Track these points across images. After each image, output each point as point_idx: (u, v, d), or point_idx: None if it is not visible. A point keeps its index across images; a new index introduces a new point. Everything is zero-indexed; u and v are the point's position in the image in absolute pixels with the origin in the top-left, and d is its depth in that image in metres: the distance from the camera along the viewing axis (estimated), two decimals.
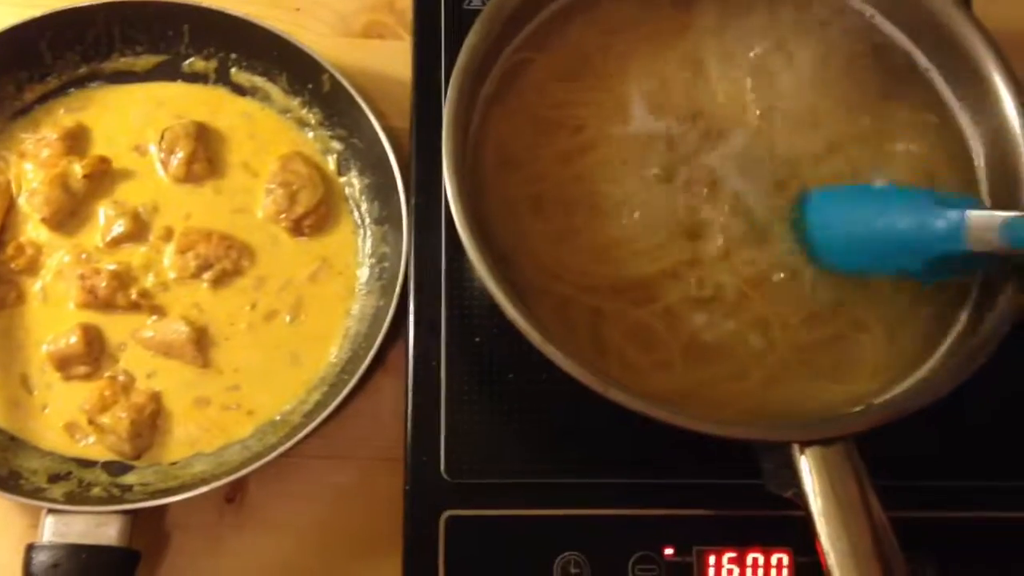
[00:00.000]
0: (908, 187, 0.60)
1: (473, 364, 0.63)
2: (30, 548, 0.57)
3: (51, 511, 0.58)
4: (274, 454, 0.60)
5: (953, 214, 0.52)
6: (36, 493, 0.60)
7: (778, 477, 0.52)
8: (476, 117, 0.61)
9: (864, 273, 0.58)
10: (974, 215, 0.52)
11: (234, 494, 0.65)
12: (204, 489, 0.60)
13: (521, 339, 0.53)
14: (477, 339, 0.63)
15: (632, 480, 0.60)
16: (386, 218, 0.71)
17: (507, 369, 0.62)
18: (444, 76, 0.70)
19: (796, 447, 0.51)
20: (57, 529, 0.58)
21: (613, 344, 0.58)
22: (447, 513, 0.59)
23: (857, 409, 0.55)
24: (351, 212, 0.73)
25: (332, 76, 0.71)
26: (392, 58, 0.80)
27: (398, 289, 0.65)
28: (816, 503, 0.50)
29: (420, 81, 0.71)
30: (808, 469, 0.51)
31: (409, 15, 0.80)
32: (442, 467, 0.60)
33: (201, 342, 0.67)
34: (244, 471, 0.60)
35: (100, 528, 0.58)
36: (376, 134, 0.70)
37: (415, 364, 0.63)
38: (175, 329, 0.67)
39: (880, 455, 0.51)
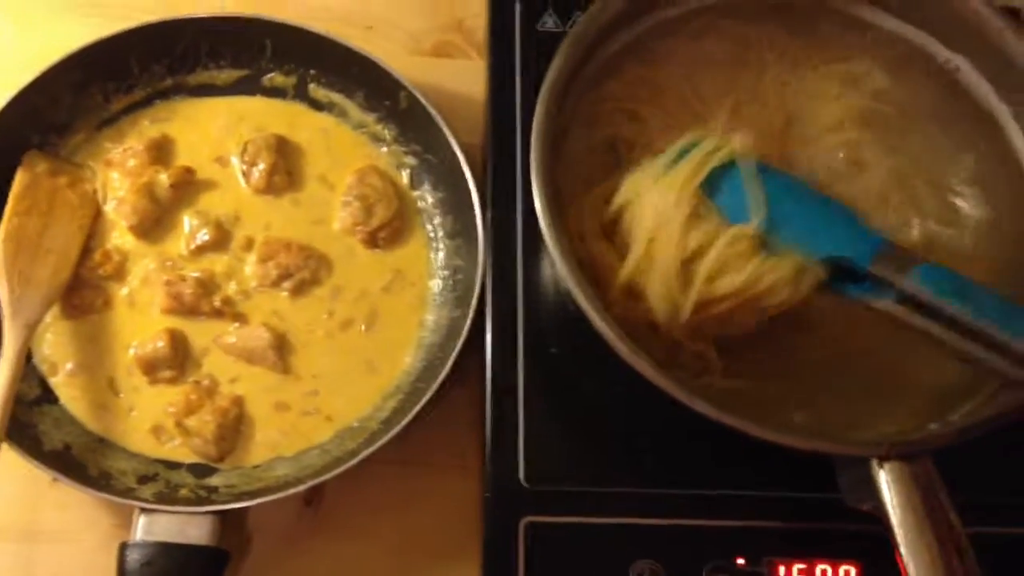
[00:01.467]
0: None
1: (550, 374, 0.64)
2: (124, 547, 0.59)
3: (143, 510, 0.60)
4: (356, 460, 0.62)
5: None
6: (127, 493, 0.62)
7: (856, 490, 0.54)
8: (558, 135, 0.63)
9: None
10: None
11: (312, 497, 0.67)
12: (288, 492, 0.62)
13: (598, 349, 0.55)
14: (553, 350, 0.65)
15: (707, 491, 0.61)
16: (459, 231, 0.73)
17: (583, 378, 0.64)
18: (519, 95, 0.73)
19: (875, 461, 0.53)
20: (149, 528, 0.60)
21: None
22: (526, 519, 0.61)
23: (933, 426, 0.56)
24: (423, 225, 0.75)
25: (410, 93, 0.74)
26: (461, 76, 0.82)
27: (474, 301, 0.67)
28: (896, 517, 0.51)
29: (495, 100, 0.73)
30: (888, 483, 0.52)
31: (478, 35, 0.83)
32: (521, 474, 0.62)
33: (281, 348, 0.69)
34: (327, 476, 0.62)
35: (191, 528, 0.60)
36: (452, 150, 0.72)
37: (493, 374, 0.64)
38: (257, 335, 0.69)
39: (956, 471, 0.53)
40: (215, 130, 0.76)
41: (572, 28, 0.62)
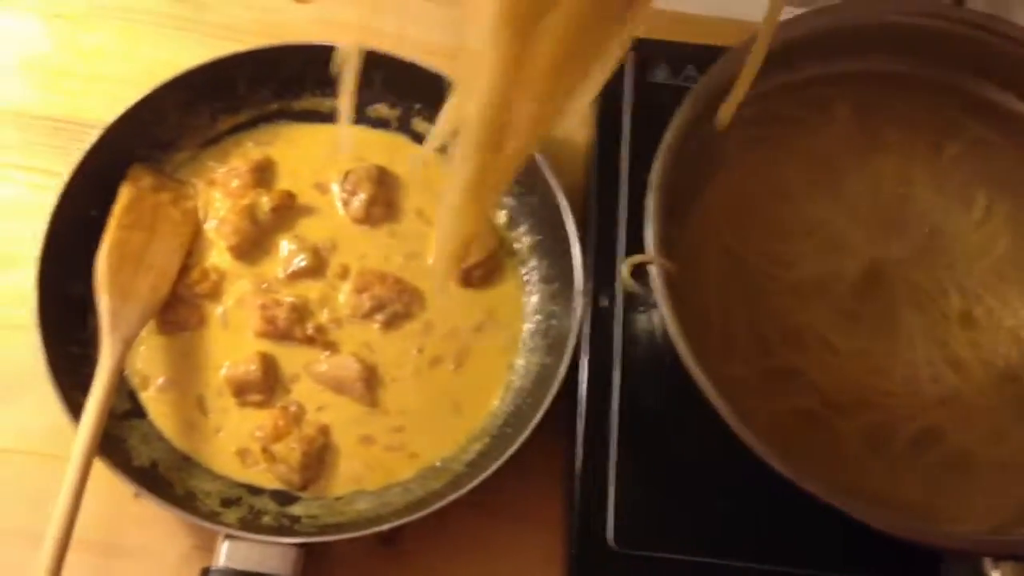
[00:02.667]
0: None
1: (646, 433, 0.63)
2: (206, 572, 0.59)
3: (228, 537, 0.60)
4: (442, 503, 0.61)
5: None
6: (212, 517, 0.62)
7: None
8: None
9: None
10: None
11: (392, 535, 0.66)
12: (371, 531, 0.61)
13: (698, 411, 0.54)
14: (650, 407, 0.64)
15: (800, 571, 0.60)
16: (556, 276, 0.72)
17: (681, 440, 0.63)
18: (626, 144, 0.72)
19: (988, 561, 0.51)
20: (232, 555, 0.59)
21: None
22: None
23: None
24: (517, 267, 0.74)
25: None
26: None
27: (568, 350, 0.66)
28: None
29: (601, 148, 0.73)
30: None
31: None
32: (610, 535, 0.60)
33: (370, 381, 0.69)
34: (411, 517, 0.61)
35: (273, 558, 0.59)
36: (552, 193, 0.71)
37: (586, 429, 0.64)
38: (347, 366, 0.69)
39: None
40: (317, 156, 0.76)
41: (698, 82, 0.61)
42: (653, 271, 0.55)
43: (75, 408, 0.61)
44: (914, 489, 0.59)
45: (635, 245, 0.66)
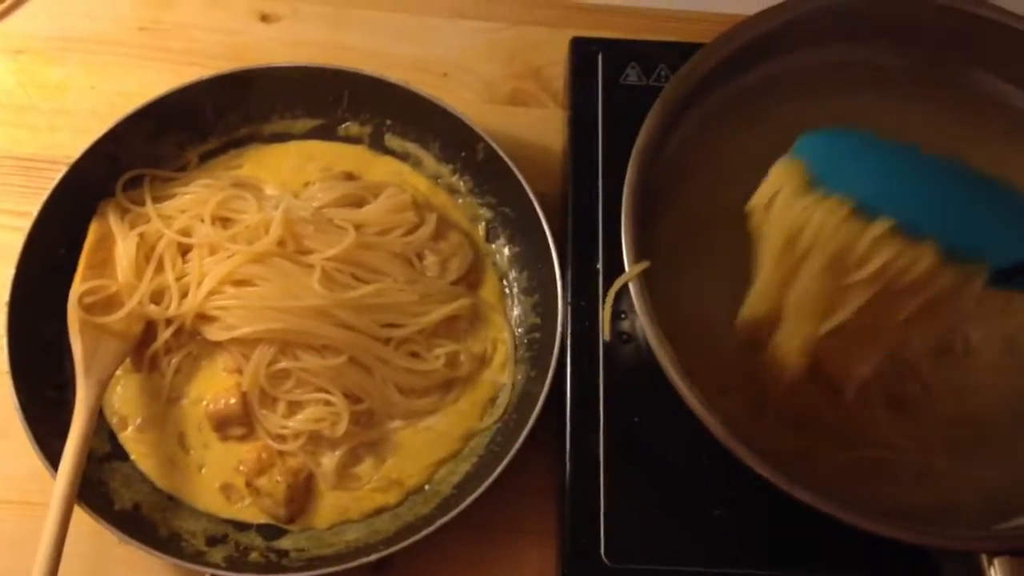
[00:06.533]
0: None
1: (633, 444, 0.62)
2: None
3: None
4: (431, 528, 0.60)
5: None
6: (197, 557, 0.61)
7: None
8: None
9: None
10: None
11: (382, 563, 0.65)
12: (360, 561, 0.60)
13: (684, 420, 0.52)
14: (636, 419, 0.62)
15: (795, 573, 0.58)
16: (536, 288, 0.71)
17: (669, 451, 0.62)
18: (600, 149, 0.71)
19: (985, 556, 0.50)
20: None
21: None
22: None
23: None
24: (499, 280, 0.73)
25: (487, 145, 0.72)
26: (536, 125, 0.81)
27: (552, 364, 0.64)
28: None
29: (576, 154, 0.71)
30: None
31: (554, 84, 0.81)
32: (602, 551, 0.59)
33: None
34: (401, 544, 0.60)
35: None
36: (530, 203, 0.70)
37: (572, 444, 0.62)
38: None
39: None
40: (286, 170, 0.75)
41: (667, 84, 0.60)
42: (633, 288, 0.53)
43: (52, 455, 0.60)
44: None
45: (613, 251, 0.64)
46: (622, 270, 0.57)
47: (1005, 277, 0.48)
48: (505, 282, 0.73)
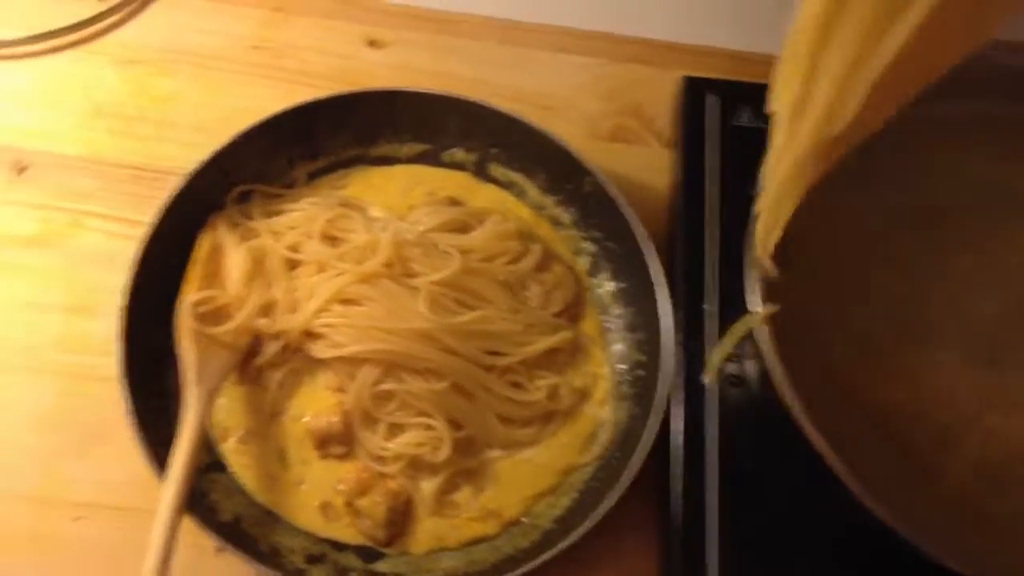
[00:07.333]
0: None
1: (745, 494, 0.61)
2: None
3: None
4: (535, 562, 0.59)
5: None
6: (298, 575, 0.60)
7: None
8: None
9: None
10: None
11: None
12: None
13: (804, 470, 0.51)
14: (750, 466, 0.62)
15: None
16: (641, 325, 0.70)
17: (786, 502, 0.60)
18: (712, 190, 0.71)
19: None
20: None
21: None
22: None
23: None
24: (599, 315, 0.73)
25: (595, 179, 0.72)
26: (638, 162, 0.81)
27: (657, 405, 0.64)
28: None
29: (687, 195, 0.72)
30: None
31: (658, 123, 0.82)
32: None
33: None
34: None
35: None
36: (636, 240, 0.70)
37: (682, 490, 0.61)
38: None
39: None
40: (391, 193, 0.76)
41: None
42: (762, 332, 0.53)
43: (159, 463, 0.60)
44: None
45: (727, 292, 0.64)
46: (737, 312, 0.57)
47: None
48: (605, 317, 0.73)
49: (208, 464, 0.66)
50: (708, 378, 0.63)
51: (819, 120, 0.44)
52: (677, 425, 0.63)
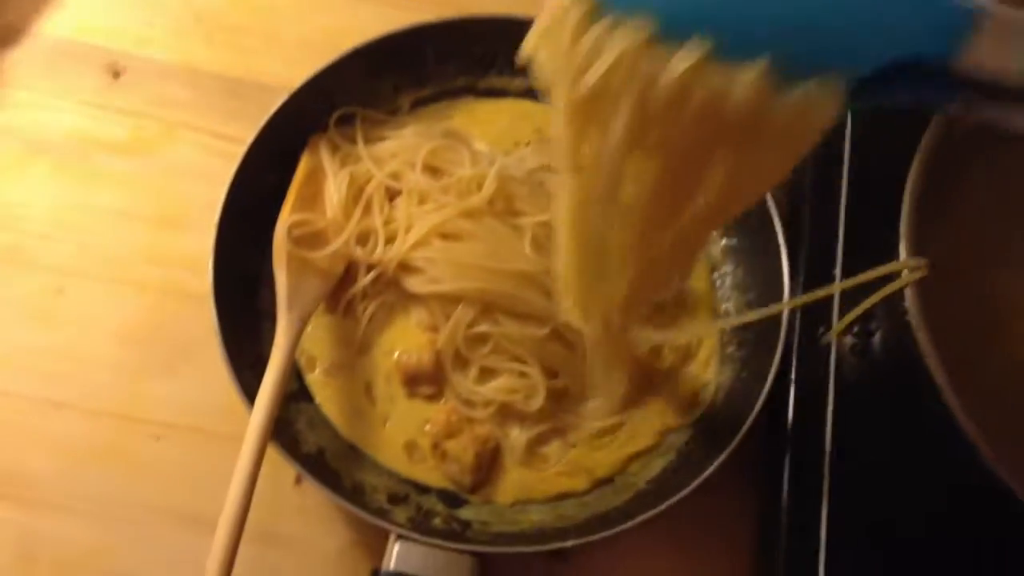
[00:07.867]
0: None
1: (860, 469, 0.57)
2: (375, 574, 0.55)
3: (400, 537, 0.55)
4: (631, 523, 0.56)
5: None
6: (382, 514, 0.58)
7: None
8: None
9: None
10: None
11: (568, 550, 0.61)
12: (554, 546, 0.56)
13: (926, 444, 0.47)
14: (866, 440, 0.57)
15: None
16: (753, 284, 0.67)
17: (903, 478, 0.56)
18: (847, 145, 0.66)
19: None
20: (406, 558, 0.55)
21: None
22: None
23: None
24: (709, 271, 0.69)
25: None
26: None
27: (773, 369, 0.60)
28: None
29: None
30: None
31: None
32: None
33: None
34: (598, 535, 0.56)
35: (450, 566, 0.55)
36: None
37: (792, 468, 0.57)
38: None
39: None
40: (497, 127, 0.72)
41: None
42: (908, 293, 0.48)
43: (245, 387, 0.58)
44: None
45: (856, 256, 0.60)
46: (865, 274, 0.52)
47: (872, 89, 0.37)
48: (715, 274, 0.68)
49: (293, 392, 0.63)
50: (832, 338, 0.58)
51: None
52: (788, 393, 0.59)
